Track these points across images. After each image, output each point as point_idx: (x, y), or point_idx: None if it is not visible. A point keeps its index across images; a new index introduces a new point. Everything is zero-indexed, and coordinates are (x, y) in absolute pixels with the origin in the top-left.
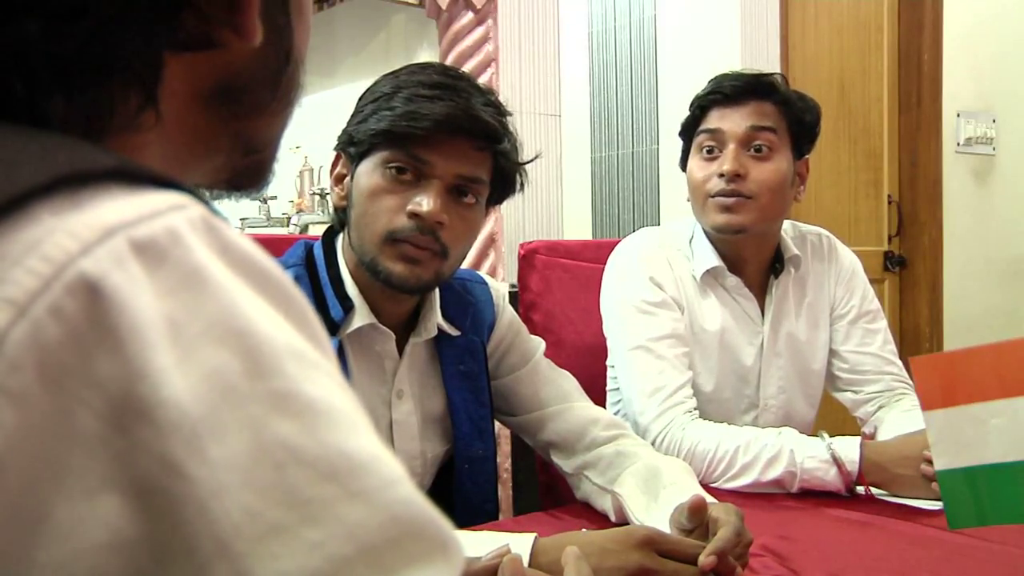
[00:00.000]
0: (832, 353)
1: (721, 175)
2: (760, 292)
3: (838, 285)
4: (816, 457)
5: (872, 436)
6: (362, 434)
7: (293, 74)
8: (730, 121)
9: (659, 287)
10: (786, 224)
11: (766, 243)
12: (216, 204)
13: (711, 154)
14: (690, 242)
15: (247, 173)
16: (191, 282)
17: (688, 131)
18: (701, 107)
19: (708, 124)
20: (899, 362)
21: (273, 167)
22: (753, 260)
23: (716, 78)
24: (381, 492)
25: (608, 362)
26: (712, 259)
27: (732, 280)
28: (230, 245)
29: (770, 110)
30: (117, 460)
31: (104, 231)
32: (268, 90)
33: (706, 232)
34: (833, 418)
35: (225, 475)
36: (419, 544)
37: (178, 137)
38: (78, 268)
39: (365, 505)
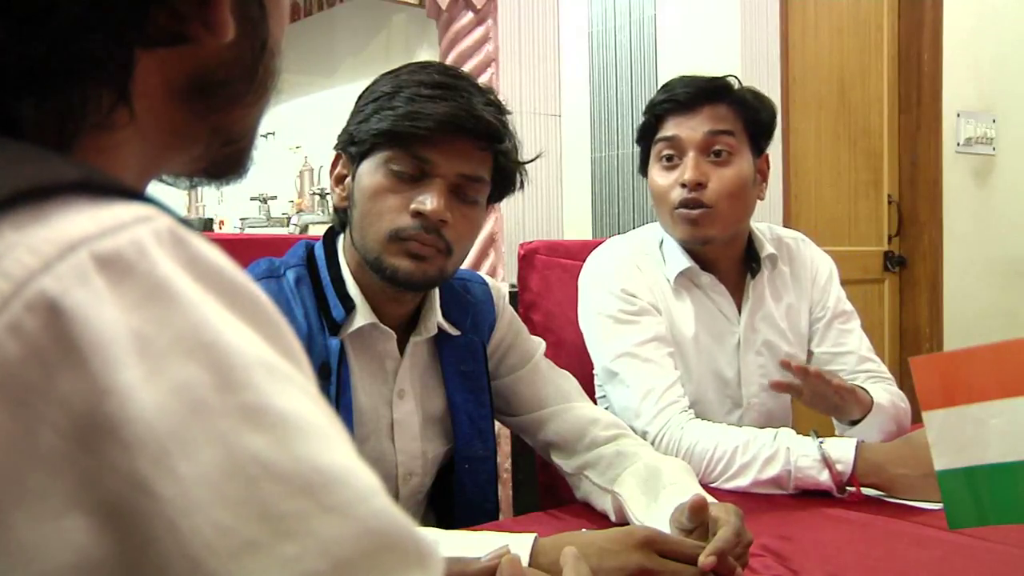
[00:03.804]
0: (808, 355)
1: (683, 185)
2: (736, 289)
3: (814, 288)
4: (809, 456)
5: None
6: (335, 447)
7: (269, 64)
8: (687, 128)
9: (633, 296)
10: (762, 226)
11: (735, 243)
12: (208, 202)
13: (671, 162)
14: (660, 246)
15: (226, 162)
16: (157, 295)
17: (645, 138)
18: (656, 115)
19: (665, 132)
20: (876, 358)
21: (252, 155)
22: (724, 259)
23: (669, 84)
24: (356, 505)
25: (594, 371)
26: (684, 261)
27: (706, 278)
28: (197, 257)
29: (726, 113)
30: (83, 479)
31: (66, 246)
32: (244, 82)
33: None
34: (822, 415)
35: (196, 492)
36: (395, 556)
37: (154, 132)
38: (38, 285)
39: (340, 519)
